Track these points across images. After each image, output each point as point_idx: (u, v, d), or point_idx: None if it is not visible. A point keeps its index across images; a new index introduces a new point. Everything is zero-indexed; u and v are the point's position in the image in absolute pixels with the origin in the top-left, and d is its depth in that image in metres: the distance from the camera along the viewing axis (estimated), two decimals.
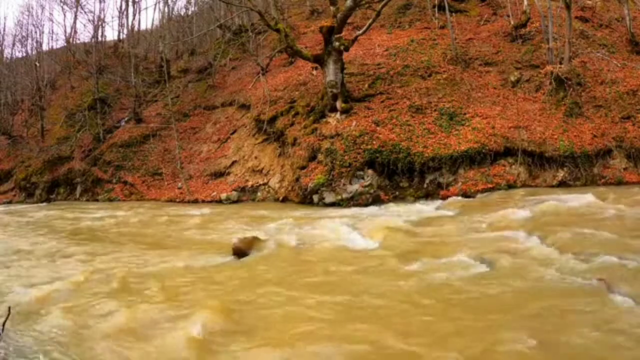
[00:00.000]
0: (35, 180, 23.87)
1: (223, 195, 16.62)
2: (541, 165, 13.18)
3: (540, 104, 14.66)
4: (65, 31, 60.52)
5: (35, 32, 46.25)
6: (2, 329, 4.31)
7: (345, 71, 15.57)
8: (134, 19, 49.20)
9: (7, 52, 40.89)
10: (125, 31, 36.23)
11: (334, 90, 14.87)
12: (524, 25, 18.15)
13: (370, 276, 5.82)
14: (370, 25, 15.84)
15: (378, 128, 13.98)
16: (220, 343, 4.06)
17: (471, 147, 13.17)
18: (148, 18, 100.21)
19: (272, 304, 4.98)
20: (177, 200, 18.08)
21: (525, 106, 14.61)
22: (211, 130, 21.82)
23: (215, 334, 4.23)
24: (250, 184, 16.94)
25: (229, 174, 18.35)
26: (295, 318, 4.58)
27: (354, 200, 12.89)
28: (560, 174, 12.98)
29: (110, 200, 20.86)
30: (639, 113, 13.80)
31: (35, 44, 38.61)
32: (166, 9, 35.65)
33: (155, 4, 49.18)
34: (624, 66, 15.12)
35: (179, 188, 19.02)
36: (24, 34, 39.98)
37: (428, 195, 13.01)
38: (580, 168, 12.87)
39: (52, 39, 65.05)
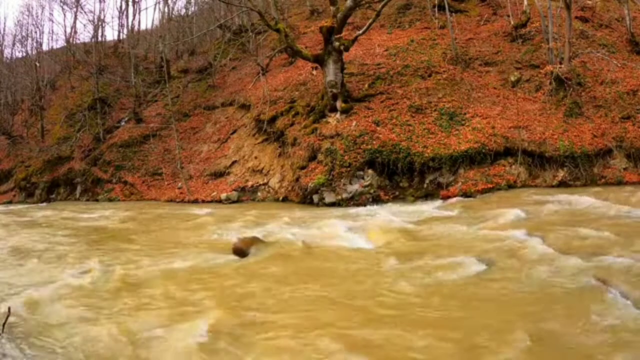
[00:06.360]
0: (35, 180, 23.88)
1: (223, 195, 16.62)
2: (541, 165, 13.18)
3: (540, 104, 14.66)
4: (65, 31, 60.62)
5: (35, 32, 46.28)
6: (2, 329, 4.31)
7: (345, 71, 15.58)
8: (134, 19, 49.13)
9: (7, 52, 40.92)
10: (125, 31, 36.24)
11: (334, 90, 14.87)
12: (524, 25, 18.16)
13: (371, 276, 5.82)
14: (370, 25, 15.84)
15: (378, 128, 13.98)
16: (224, 343, 4.06)
17: (471, 147, 13.17)
18: (148, 18, 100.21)
19: (272, 304, 4.98)
20: (177, 200, 18.08)
21: (525, 106, 14.61)
22: (211, 130, 21.82)
23: (218, 334, 4.23)
24: (250, 184, 16.94)
25: (229, 174, 18.36)
26: (295, 317, 4.58)
27: (354, 200, 12.89)
28: (560, 174, 12.98)
29: (110, 200, 20.86)
30: (639, 113, 13.80)
31: (35, 44, 38.71)
32: (166, 9, 35.69)
33: (155, 4, 49.19)
34: (624, 66, 15.12)
35: (179, 188, 19.02)
36: (24, 34, 40.04)
37: (428, 195, 13.01)
38: (580, 168, 12.86)
39: (52, 39, 64.96)
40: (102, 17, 36.34)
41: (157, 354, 3.96)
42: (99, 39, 34.74)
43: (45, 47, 39.75)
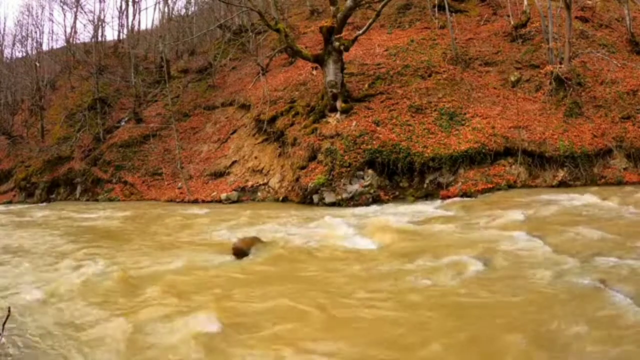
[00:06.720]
0: (35, 180, 23.87)
1: (223, 195, 16.62)
2: (541, 165, 13.18)
3: (540, 104, 14.66)
4: (65, 31, 60.66)
5: (35, 32, 46.29)
6: (3, 329, 4.31)
7: (345, 71, 15.57)
8: (134, 19, 49.10)
9: (7, 52, 40.93)
10: (125, 31, 36.24)
11: (334, 90, 14.87)
12: (524, 25, 18.16)
13: (370, 276, 5.82)
14: (370, 25, 15.84)
15: (378, 128, 13.98)
16: (222, 343, 4.06)
17: (471, 147, 13.17)
18: (148, 18, 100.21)
19: (272, 304, 4.97)
20: (177, 200, 18.08)
21: (525, 106, 14.61)
22: (211, 130, 21.82)
23: (216, 334, 4.23)
24: (250, 184, 16.94)
25: (229, 174, 18.35)
26: (294, 317, 4.57)
27: (354, 200, 12.89)
28: (560, 174, 12.97)
29: (110, 200, 20.86)
30: (639, 113, 13.80)
31: (35, 44, 38.72)
32: (166, 9, 35.70)
33: (155, 4, 49.19)
34: (624, 66, 15.12)
35: (179, 188, 19.02)
36: (24, 34, 40.06)
37: (428, 195, 13.00)
38: (580, 168, 12.86)
39: (52, 39, 64.95)
40: (102, 17, 36.38)
41: (156, 354, 3.96)
42: (99, 39, 34.77)
43: (45, 47, 39.83)
